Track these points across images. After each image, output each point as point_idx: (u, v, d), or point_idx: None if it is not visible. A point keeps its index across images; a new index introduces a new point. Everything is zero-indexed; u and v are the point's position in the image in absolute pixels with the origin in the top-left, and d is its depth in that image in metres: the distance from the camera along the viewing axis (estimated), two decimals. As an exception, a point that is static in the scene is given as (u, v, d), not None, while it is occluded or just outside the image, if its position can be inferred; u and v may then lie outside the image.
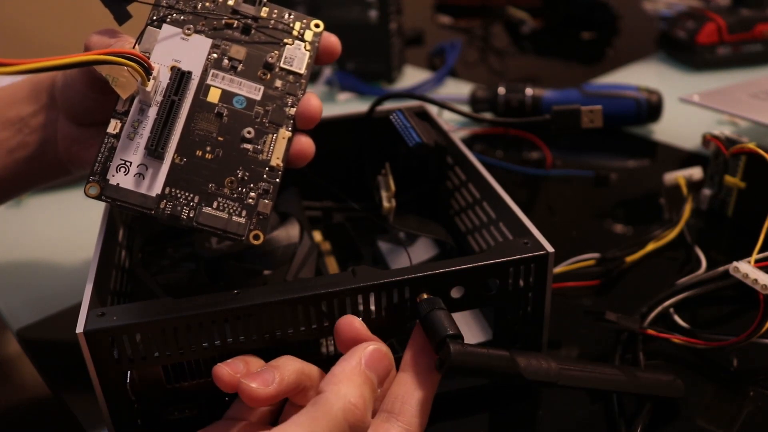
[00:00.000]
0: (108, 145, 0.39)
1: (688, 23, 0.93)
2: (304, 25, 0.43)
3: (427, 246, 0.54)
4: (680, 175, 0.63)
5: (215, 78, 0.41)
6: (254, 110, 0.41)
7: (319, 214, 0.60)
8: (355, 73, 0.91)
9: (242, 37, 0.42)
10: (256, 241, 0.39)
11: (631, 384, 0.40)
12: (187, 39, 0.41)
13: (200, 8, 0.42)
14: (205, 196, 0.40)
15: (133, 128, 0.39)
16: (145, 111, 0.40)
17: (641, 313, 0.48)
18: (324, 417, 0.31)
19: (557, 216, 0.65)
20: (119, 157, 0.39)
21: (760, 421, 0.41)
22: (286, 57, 0.43)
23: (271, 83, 0.42)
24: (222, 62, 0.42)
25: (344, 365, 0.34)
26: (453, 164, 0.55)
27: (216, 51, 0.42)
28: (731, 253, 0.48)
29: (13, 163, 0.46)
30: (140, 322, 0.36)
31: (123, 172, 0.39)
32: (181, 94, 0.40)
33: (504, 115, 0.80)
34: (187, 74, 0.40)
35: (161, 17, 0.41)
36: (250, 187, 0.40)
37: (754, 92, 0.72)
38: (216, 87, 0.41)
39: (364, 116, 0.57)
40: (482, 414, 0.43)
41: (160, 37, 0.41)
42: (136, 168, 0.39)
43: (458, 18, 1.23)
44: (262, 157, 0.41)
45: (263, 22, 0.43)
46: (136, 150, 0.39)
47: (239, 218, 0.40)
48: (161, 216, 0.39)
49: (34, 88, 0.46)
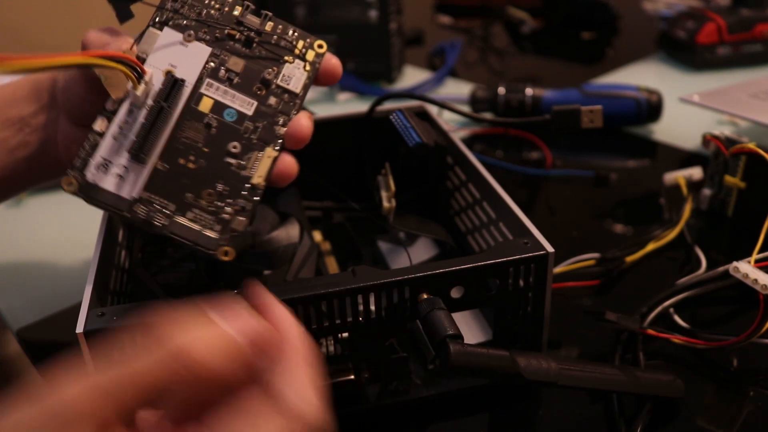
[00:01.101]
0: (92, 142, 0.39)
1: (688, 23, 0.93)
2: (307, 45, 0.43)
3: (427, 246, 0.54)
4: (680, 175, 0.63)
5: (209, 88, 0.41)
6: (244, 125, 0.41)
7: (319, 214, 0.60)
8: (355, 73, 0.91)
9: (243, 50, 0.42)
10: (225, 257, 0.39)
11: (631, 384, 0.40)
12: (186, 45, 0.41)
13: (204, 15, 0.41)
14: (182, 205, 0.39)
15: (120, 129, 0.39)
16: (134, 113, 0.39)
17: (641, 313, 0.48)
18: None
19: (557, 216, 0.65)
20: (101, 156, 0.39)
21: (760, 421, 0.41)
22: (284, 75, 0.42)
23: (265, 100, 0.41)
24: (218, 72, 0.41)
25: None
26: (453, 164, 0.55)
27: (214, 60, 0.41)
28: (731, 253, 0.48)
29: (13, 162, 0.46)
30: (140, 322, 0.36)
31: (103, 171, 0.39)
32: (172, 101, 0.39)
33: (504, 115, 0.80)
34: (180, 81, 0.40)
35: (164, 20, 0.41)
36: (228, 202, 0.40)
37: (754, 92, 0.72)
38: (209, 97, 0.40)
39: (364, 116, 0.57)
40: (482, 414, 0.43)
41: (159, 40, 0.41)
42: (117, 168, 0.39)
43: (458, 18, 1.23)
44: (244, 174, 0.40)
45: (266, 37, 0.42)
46: (119, 151, 0.39)
47: (212, 232, 0.39)
48: (135, 220, 0.39)
49: (35, 88, 0.46)
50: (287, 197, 0.55)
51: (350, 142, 0.58)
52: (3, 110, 0.46)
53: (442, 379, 0.44)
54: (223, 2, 0.42)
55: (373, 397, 0.43)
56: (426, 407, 0.43)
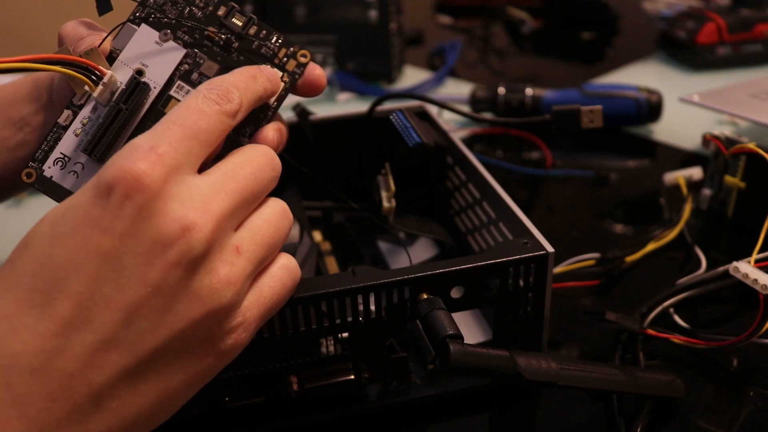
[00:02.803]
0: (54, 135, 0.39)
1: (688, 23, 0.93)
2: (288, 53, 0.41)
3: (427, 246, 0.54)
4: (680, 175, 0.63)
5: (179, 90, 0.40)
6: None
7: (319, 214, 0.60)
8: (355, 73, 0.91)
9: (220, 54, 0.40)
10: None
11: (631, 384, 0.40)
12: (161, 44, 0.40)
13: (187, 13, 0.40)
14: None
15: (82, 125, 0.39)
16: (98, 110, 0.39)
17: (641, 313, 0.48)
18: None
19: (557, 216, 0.65)
20: (59, 151, 0.38)
21: (760, 421, 0.41)
22: None
23: None
24: (191, 75, 0.40)
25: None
26: (453, 164, 0.55)
27: (188, 63, 0.40)
28: (731, 253, 0.48)
29: (13, 162, 0.46)
30: None
31: (60, 165, 0.38)
32: (133, 103, 0.38)
33: (504, 115, 0.80)
34: (143, 84, 0.38)
35: (143, 16, 0.40)
36: None
37: (754, 92, 0.72)
38: (177, 100, 0.39)
39: (364, 116, 0.57)
40: (482, 414, 0.43)
41: (135, 36, 0.40)
42: (73, 165, 0.38)
43: (458, 18, 1.23)
44: None
45: (246, 42, 0.40)
46: (77, 147, 0.38)
47: None
48: None
49: (35, 87, 0.46)
50: (287, 197, 0.55)
51: (350, 142, 0.58)
52: (3, 109, 0.46)
53: (442, 379, 0.44)
54: (208, 2, 0.41)
55: (373, 397, 0.43)
56: (426, 407, 0.43)
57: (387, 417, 0.43)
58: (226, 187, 0.32)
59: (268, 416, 0.41)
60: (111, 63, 0.39)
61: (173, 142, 0.31)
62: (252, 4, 0.90)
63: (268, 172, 0.34)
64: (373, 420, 0.43)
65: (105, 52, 0.39)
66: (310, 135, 0.57)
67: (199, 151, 0.32)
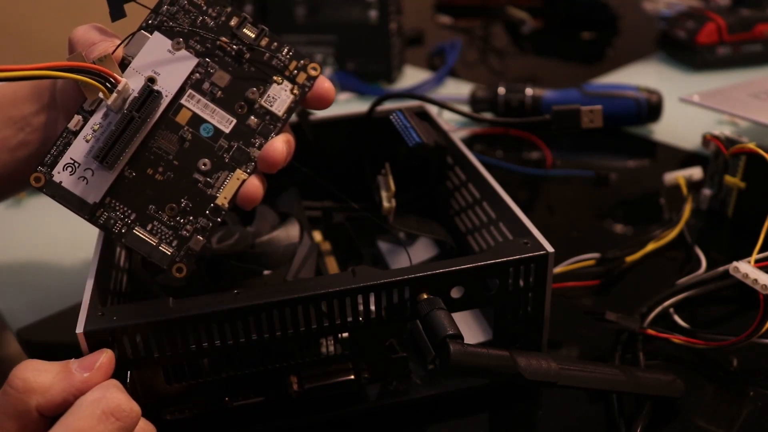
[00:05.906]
0: (64, 140, 0.39)
1: (688, 23, 0.93)
2: (300, 66, 0.41)
3: (427, 246, 0.54)
4: (680, 175, 0.63)
5: (190, 99, 0.40)
6: (218, 142, 0.40)
7: (319, 214, 0.60)
8: (355, 73, 0.91)
9: (231, 64, 0.40)
10: (179, 274, 0.39)
11: (631, 384, 0.40)
12: (173, 53, 0.40)
13: (199, 23, 0.40)
14: (142, 216, 0.39)
15: (93, 131, 0.39)
16: (110, 116, 0.39)
17: (641, 313, 0.48)
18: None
19: (557, 216, 0.65)
20: (69, 156, 0.38)
21: (760, 421, 0.41)
22: (269, 96, 0.40)
23: (245, 119, 0.40)
24: (202, 85, 0.40)
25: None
26: (453, 164, 0.55)
27: (200, 72, 0.40)
28: (731, 253, 0.48)
29: (13, 162, 0.46)
30: (140, 322, 0.36)
31: (69, 171, 0.38)
32: (145, 111, 0.38)
33: (504, 115, 0.80)
34: (156, 93, 0.38)
35: (156, 24, 0.40)
36: (189, 219, 0.39)
37: (754, 92, 0.72)
38: (188, 109, 0.40)
39: (364, 116, 0.57)
40: (482, 414, 0.43)
41: (147, 44, 0.40)
42: (83, 171, 0.38)
43: (458, 18, 1.23)
44: (210, 192, 0.40)
45: (258, 54, 0.41)
46: (87, 153, 0.38)
47: (168, 247, 0.39)
48: (95, 224, 0.39)
49: (36, 87, 0.46)
50: (287, 197, 0.55)
51: (350, 142, 0.58)
52: (4, 109, 0.46)
53: (442, 379, 0.44)
54: (221, 12, 0.41)
55: (373, 397, 0.43)
56: (426, 407, 0.43)
57: (387, 417, 0.43)
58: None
59: (268, 416, 0.41)
60: (123, 70, 0.39)
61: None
62: (252, 4, 0.90)
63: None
64: (373, 420, 0.43)
65: (118, 59, 0.39)
66: (310, 135, 0.57)
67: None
